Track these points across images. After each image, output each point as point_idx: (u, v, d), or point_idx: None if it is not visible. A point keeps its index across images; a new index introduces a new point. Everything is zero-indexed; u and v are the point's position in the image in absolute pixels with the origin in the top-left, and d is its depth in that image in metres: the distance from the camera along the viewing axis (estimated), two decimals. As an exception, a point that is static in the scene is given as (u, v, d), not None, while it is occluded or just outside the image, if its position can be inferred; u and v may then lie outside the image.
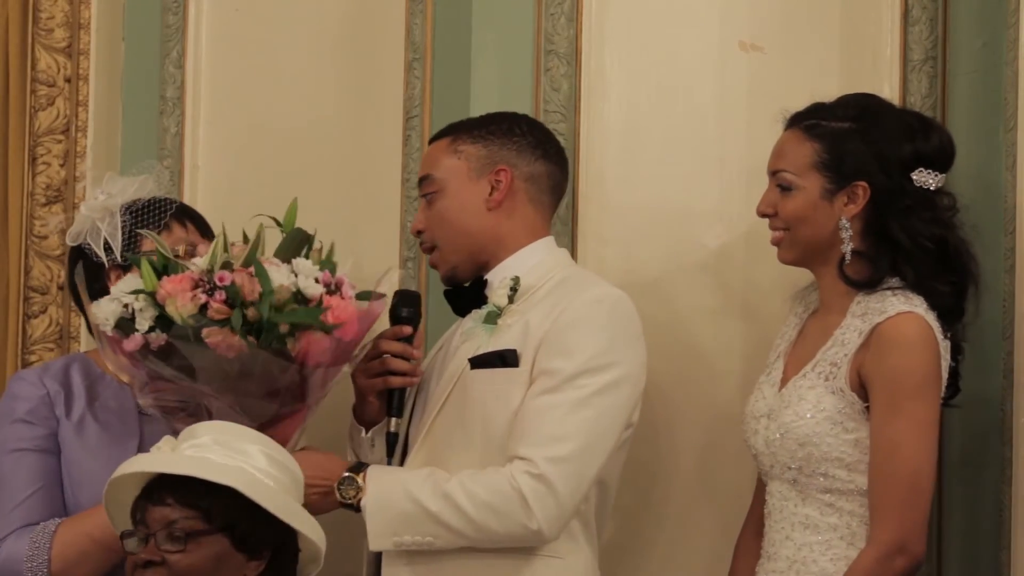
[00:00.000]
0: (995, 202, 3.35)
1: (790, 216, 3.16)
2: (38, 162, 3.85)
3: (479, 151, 3.26)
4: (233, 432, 2.89)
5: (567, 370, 3.07)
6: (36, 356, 3.87)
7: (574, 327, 3.11)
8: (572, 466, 3.03)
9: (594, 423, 3.06)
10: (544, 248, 3.27)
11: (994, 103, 3.42)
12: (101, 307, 3.01)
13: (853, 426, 3.09)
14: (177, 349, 2.95)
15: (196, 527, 2.80)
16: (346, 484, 3.08)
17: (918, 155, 3.15)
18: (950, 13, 3.54)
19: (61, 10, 3.86)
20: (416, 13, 3.71)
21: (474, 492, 3.02)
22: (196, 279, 2.97)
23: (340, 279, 3.06)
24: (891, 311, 3.07)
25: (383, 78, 3.74)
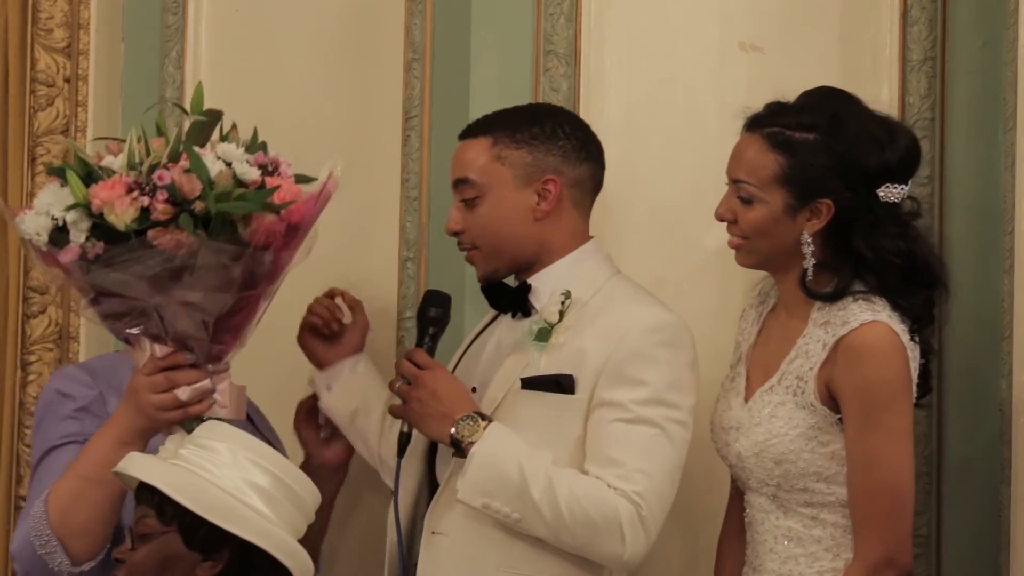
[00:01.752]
0: (994, 202, 3.35)
1: (751, 228, 3.09)
2: (37, 162, 3.85)
3: (524, 158, 3.19)
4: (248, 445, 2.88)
5: (638, 400, 3.06)
6: (35, 356, 3.86)
7: (638, 358, 3.08)
8: (660, 504, 3.06)
9: (672, 458, 3.09)
10: (590, 254, 3.24)
11: (993, 103, 3.42)
12: (28, 222, 2.92)
13: (828, 439, 3.05)
14: (118, 256, 2.86)
15: (153, 525, 2.80)
16: (467, 421, 3.07)
17: (885, 169, 3.05)
18: (949, 13, 3.54)
19: (60, 10, 3.86)
20: (415, 13, 3.72)
21: (578, 500, 3.02)
22: (130, 183, 2.86)
23: (275, 159, 2.96)
24: (854, 322, 3.01)
25: (382, 78, 3.74)
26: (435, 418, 3.10)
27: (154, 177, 2.85)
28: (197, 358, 2.97)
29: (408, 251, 3.71)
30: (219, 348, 2.98)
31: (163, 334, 2.95)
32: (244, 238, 2.89)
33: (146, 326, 2.94)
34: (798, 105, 3.11)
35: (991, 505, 3.36)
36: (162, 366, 2.96)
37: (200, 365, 2.98)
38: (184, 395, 2.96)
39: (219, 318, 2.94)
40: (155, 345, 2.96)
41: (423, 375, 3.13)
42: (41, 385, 3.86)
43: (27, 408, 3.86)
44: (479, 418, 3.08)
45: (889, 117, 3.17)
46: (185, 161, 2.88)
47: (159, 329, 2.94)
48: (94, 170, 2.91)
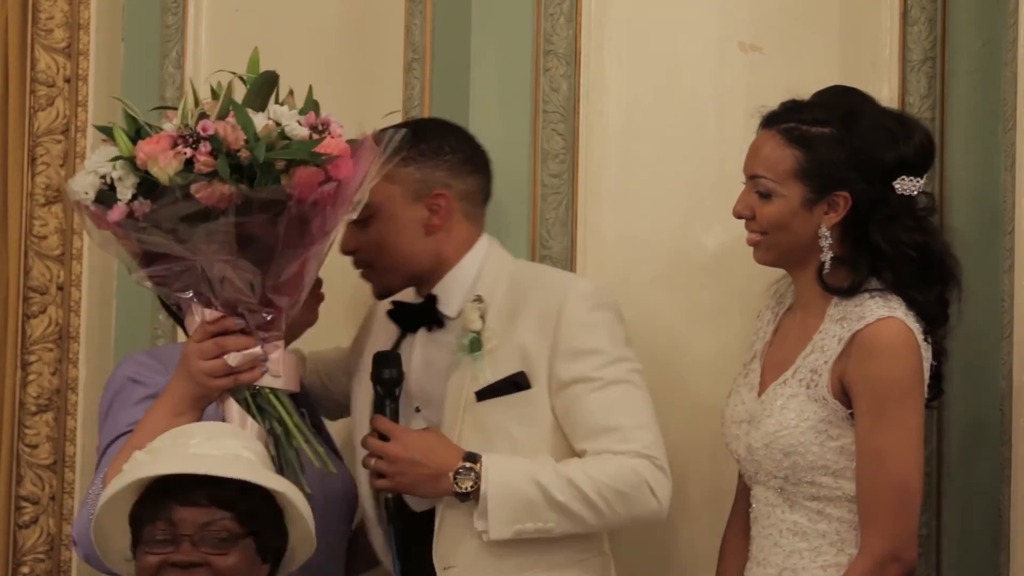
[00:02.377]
0: (994, 202, 3.35)
1: (769, 223, 3.12)
2: (37, 162, 3.85)
3: (412, 174, 3.21)
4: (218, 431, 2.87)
5: (599, 366, 3.13)
6: (35, 356, 3.86)
7: (581, 329, 3.14)
8: (662, 446, 3.15)
9: (648, 401, 3.18)
10: (484, 249, 3.27)
11: (993, 104, 3.42)
12: (77, 181, 2.91)
13: (838, 433, 3.06)
14: (163, 213, 2.84)
15: (234, 528, 2.76)
16: (463, 475, 3.07)
17: (901, 162, 3.09)
18: (949, 13, 3.54)
19: (60, 10, 3.86)
20: (415, 14, 3.72)
21: (599, 479, 3.08)
22: (174, 136, 2.85)
23: (326, 118, 2.95)
24: (870, 317, 3.03)
25: (383, 79, 3.74)
26: (426, 482, 3.11)
27: (198, 128, 2.84)
28: (248, 324, 2.94)
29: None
30: (270, 314, 2.95)
31: (213, 298, 2.92)
32: (287, 190, 2.87)
33: (195, 289, 2.92)
34: (813, 102, 3.14)
35: (991, 505, 3.36)
36: (212, 331, 2.93)
37: (251, 331, 2.95)
38: (234, 361, 2.93)
39: (268, 282, 2.91)
40: (205, 310, 2.94)
41: (393, 449, 3.12)
42: (41, 385, 3.86)
43: (27, 408, 3.86)
44: (471, 462, 3.08)
45: (903, 113, 3.23)
46: (232, 118, 2.87)
47: (208, 292, 2.91)
48: (143, 128, 2.90)
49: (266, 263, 2.90)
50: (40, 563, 3.87)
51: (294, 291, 2.96)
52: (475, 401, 3.15)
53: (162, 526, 2.77)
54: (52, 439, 3.86)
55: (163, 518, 2.77)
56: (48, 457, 3.86)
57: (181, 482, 2.77)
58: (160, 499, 2.78)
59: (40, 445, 3.86)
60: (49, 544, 3.87)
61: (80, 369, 3.87)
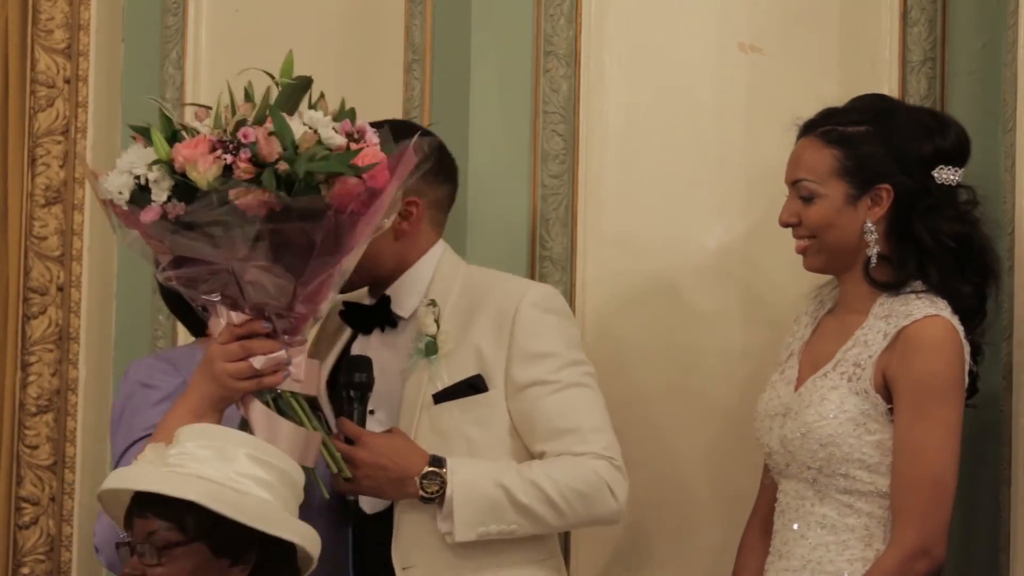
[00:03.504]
0: (994, 203, 3.34)
1: (815, 224, 3.16)
2: (37, 163, 3.85)
3: None
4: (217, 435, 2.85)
5: (554, 369, 3.15)
6: (35, 357, 3.86)
7: (535, 333, 3.16)
8: (618, 448, 3.16)
9: (603, 404, 3.19)
10: (438, 254, 3.26)
11: (993, 104, 3.42)
12: (111, 180, 2.89)
13: (876, 427, 3.09)
14: (198, 216, 2.83)
15: (172, 539, 2.76)
16: (429, 479, 3.08)
17: (938, 152, 3.15)
18: (949, 14, 3.54)
19: (61, 11, 3.86)
20: (416, 14, 3.72)
21: (561, 481, 3.10)
22: (213, 141, 2.84)
23: (362, 127, 2.95)
24: (917, 314, 3.08)
25: (382, 79, 3.74)
26: (391, 485, 3.10)
27: (239, 135, 2.83)
28: (274, 328, 2.94)
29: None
30: (296, 318, 2.95)
31: (241, 301, 2.91)
32: (326, 200, 2.87)
33: (224, 292, 2.91)
34: (847, 107, 3.21)
35: (990, 505, 3.36)
36: (238, 334, 2.92)
37: (277, 335, 2.94)
38: (259, 364, 2.92)
39: (297, 289, 2.91)
40: (232, 312, 2.93)
41: (360, 453, 3.10)
42: (41, 386, 3.86)
43: (27, 409, 3.86)
44: (436, 466, 3.09)
45: (935, 109, 3.33)
46: (270, 124, 2.86)
47: (237, 295, 2.91)
48: (178, 131, 2.89)
49: (300, 269, 2.90)
50: (40, 564, 3.87)
51: (321, 298, 2.96)
52: (432, 404, 3.16)
53: (128, 537, 2.81)
54: (52, 440, 3.86)
55: (130, 529, 2.81)
56: (48, 458, 3.86)
57: (139, 494, 2.79)
58: (131, 509, 2.82)
59: (40, 446, 3.86)
60: (49, 545, 3.87)
61: (80, 370, 3.87)
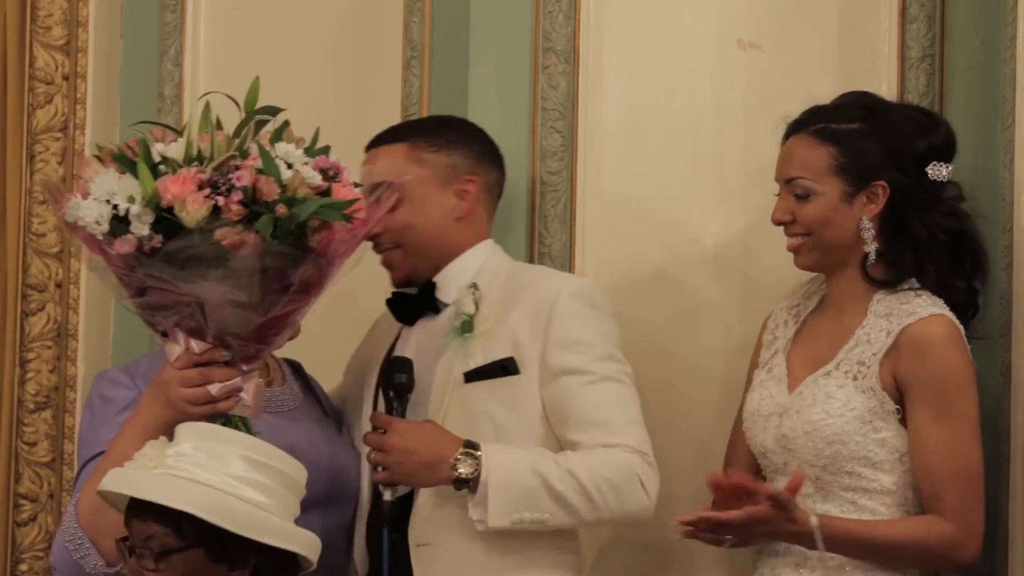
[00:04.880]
0: (992, 200, 3.35)
1: (811, 222, 3.16)
2: (36, 160, 3.85)
3: (443, 160, 3.29)
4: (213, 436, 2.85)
5: (592, 359, 3.15)
6: (34, 354, 3.86)
7: (576, 321, 3.16)
8: (649, 445, 3.16)
9: (638, 402, 3.20)
10: (489, 249, 3.32)
11: (992, 101, 3.42)
12: (87, 208, 2.84)
13: (881, 425, 3.11)
14: (175, 252, 2.81)
15: (169, 544, 2.75)
16: (463, 459, 3.07)
17: (931, 149, 3.17)
18: (948, 11, 3.54)
19: (59, 8, 3.86)
20: (414, 11, 3.72)
21: (596, 471, 3.09)
22: (203, 179, 2.81)
23: (336, 164, 2.92)
24: (921, 312, 3.10)
25: (381, 76, 3.74)
26: (423, 470, 3.10)
27: (232, 177, 2.81)
28: (232, 356, 2.94)
29: (406, 249, 3.71)
30: (256, 348, 2.95)
31: (204, 330, 2.91)
32: (311, 244, 2.87)
33: (187, 321, 2.90)
34: (836, 104, 3.23)
35: (990, 503, 3.34)
36: (198, 361, 2.92)
37: (234, 363, 2.94)
38: (216, 391, 2.92)
39: (267, 322, 2.91)
40: (192, 340, 2.92)
41: (387, 439, 3.12)
42: (39, 383, 3.86)
43: (26, 406, 3.86)
44: (470, 448, 3.08)
45: (923, 107, 3.36)
46: (254, 160, 2.84)
47: (200, 324, 2.90)
48: (160, 164, 2.85)
49: (271, 306, 2.90)
50: (38, 560, 3.86)
51: (284, 329, 2.97)
52: (463, 382, 3.17)
53: (126, 539, 2.80)
54: (51, 436, 3.86)
55: (128, 530, 2.81)
56: (46, 455, 3.86)
57: None
58: (128, 511, 2.82)
59: (38, 443, 3.86)
60: (47, 542, 3.86)
61: (79, 366, 3.86)
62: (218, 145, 2.85)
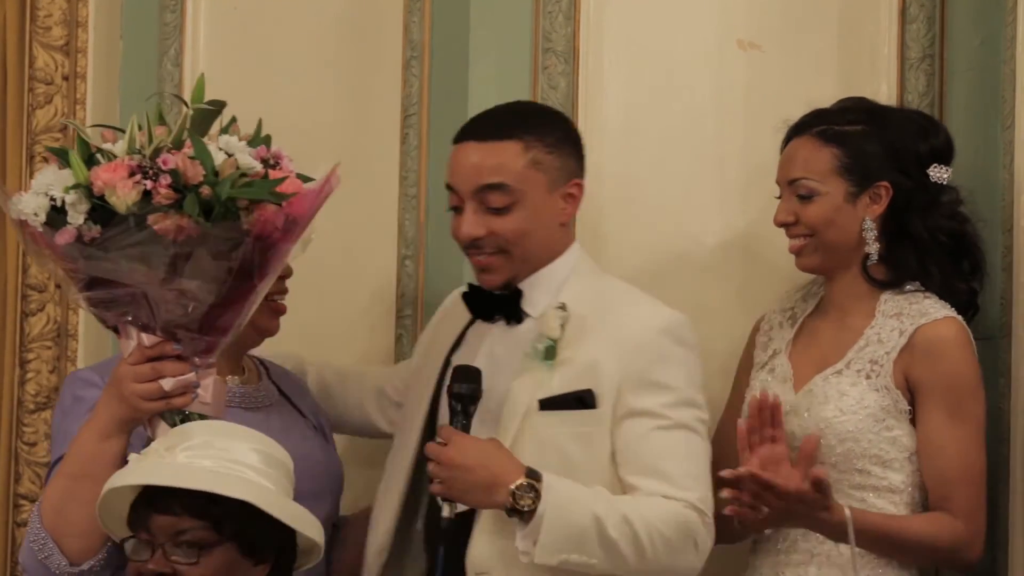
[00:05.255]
0: (992, 200, 3.36)
1: (815, 222, 3.17)
2: (36, 160, 3.84)
3: (554, 162, 3.11)
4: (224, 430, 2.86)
5: (668, 404, 3.02)
6: (34, 354, 3.86)
7: (658, 361, 3.04)
8: (712, 503, 3.04)
9: (708, 456, 3.08)
10: (576, 257, 3.17)
11: (992, 101, 3.42)
12: (27, 201, 2.87)
13: (893, 424, 3.13)
14: (114, 240, 2.83)
15: (207, 538, 2.75)
16: (524, 492, 2.93)
17: (933, 151, 3.21)
18: (948, 11, 3.54)
19: (59, 8, 3.86)
20: (414, 11, 3.72)
21: (652, 522, 2.96)
22: (132, 166, 2.84)
23: (277, 153, 2.94)
24: (935, 314, 3.13)
25: (381, 76, 3.74)
26: (479, 490, 2.96)
27: (159, 161, 2.83)
28: (184, 350, 2.94)
29: (407, 249, 3.71)
30: (208, 342, 2.95)
31: (153, 323, 2.91)
32: (244, 227, 2.87)
33: (136, 314, 2.91)
34: (838, 108, 3.25)
35: (990, 503, 3.34)
36: (149, 355, 2.92)
37: (187, 358, 2.94)
38: (168, 385, 2.92)
39: (210, 312, 2.91)
40: (143, 334, 2.93)
41: (446, 452, 2.98)
42: (39, 383, 3.86)
43: (25, 406, 3.86)
44: (533, 479, 2.94)
45: (922, 111, 3.40)
46: (189, 149, 2.87)
47: (149, 318, 2.91)
48: (96, 153, 2.89)
49: (216, 294, 2.90)
50: (38, 561, 3.86)
51: (234, 321, 2.96)
52: (537, 410, 3.03)
53: (143, 534, 2.78)
54: (50, 437, 3.85)
55: (143, 526, 2.78)
56: (46, 455, 3.85)
57: (160, 490, 2.77)
58: (142, 507, 2.79)
59: (38, 443, 3.86)
60: (47, 542, 3.86)
61: (78, 367, 3.85)
62: (157, 138, 2.88)
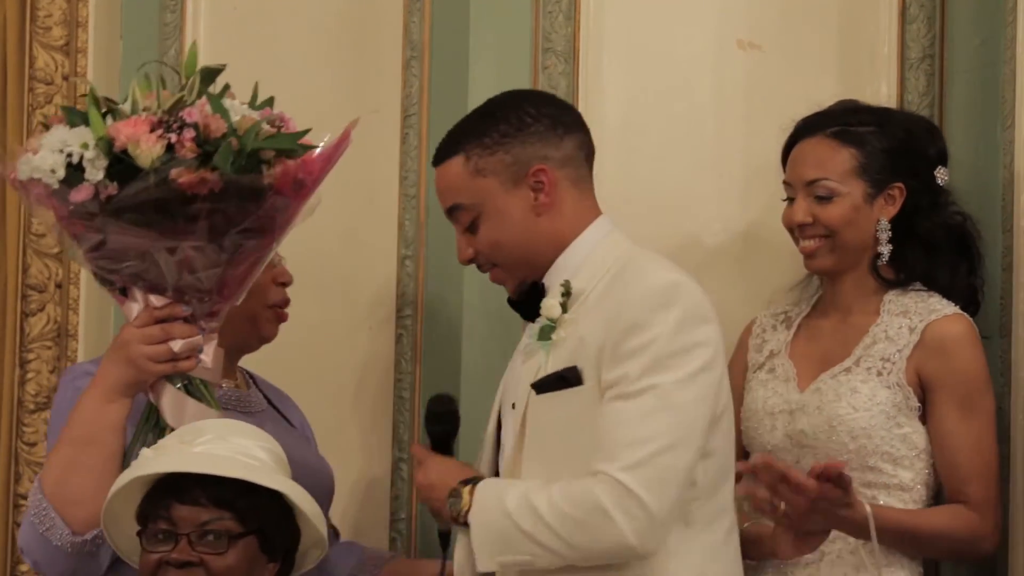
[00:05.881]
0: (992, 200, 3.35)
1: (836, 223, 3.19)
2: (36, 126, 3.85)
3: (502, 159, 2.96)
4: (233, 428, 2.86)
5: (635, 371, 2.78)
6: (34, 354, 3.86)
7: (634, 328, 2.81)
8: (652, 470, 2.74)
9: (676, 422, 2.78)
10: (595, 235, 2.99)
11: (992, 101, 3.42)
12: (42, 159, 2.83)
13: (904, 421, 3.14)
14: (133, 196, 2.79)
15: (233, 529, 2.75)
16: (454, 498, 2.86)
17: (940, 153, 3.25)
18: (948, 11, 3.54)
19: (59, 8, 3.86)
20: (414, 11, 3.72)
21: (558, 506, 2.76)
22: (153, 121, 2.81)
23: (281, 115, 2.91)
24: (945, 310, 3.16)
25: (381, 76, 3.74)
26: (438, 506, 2.91)
27: (182, 114, 2.81)
28: (194, 312, 2.91)
29: (407, 249, 3.70)
30: (217, 303, 2.92)
31: (163, 283, 2.89)
32: (266, 181, 2.85)
33: (145, 275, 2.88)
34: (843, 108, 3.27)
35: (990, 503, 3.36)
36: (158, 316, 2.90)
37: (195, 320, 2.92)
38: (177, 347, 2.90)
39: (227, 271, 2.88)
40: (151, 296, 2.90)
41: (417, 474, 2.98)
42: (39, 383, 3.87)
43: (25, 406, 3.86)
44: (462, 487, 2.85)
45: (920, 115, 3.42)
46: (203, 106, 2.85)
47: (159, 278, 2.88)
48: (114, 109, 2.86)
49: (232, 251, 2.87)
50: (38, 561, 3.86)
51: (241, 284, 2.94)
52: (536, 394, 2.89)
53: (163, 524, 2.77)
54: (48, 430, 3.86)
55: (164, 516, 2.77)
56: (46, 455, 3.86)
57: (182, 481, 2.77)
58: (162, 497, 2.78)
59: (38, 443, 3.86)
60: (47, 542, 3.86)
61: (78, 367, 3.87)
62: (164, 99, 2.86)
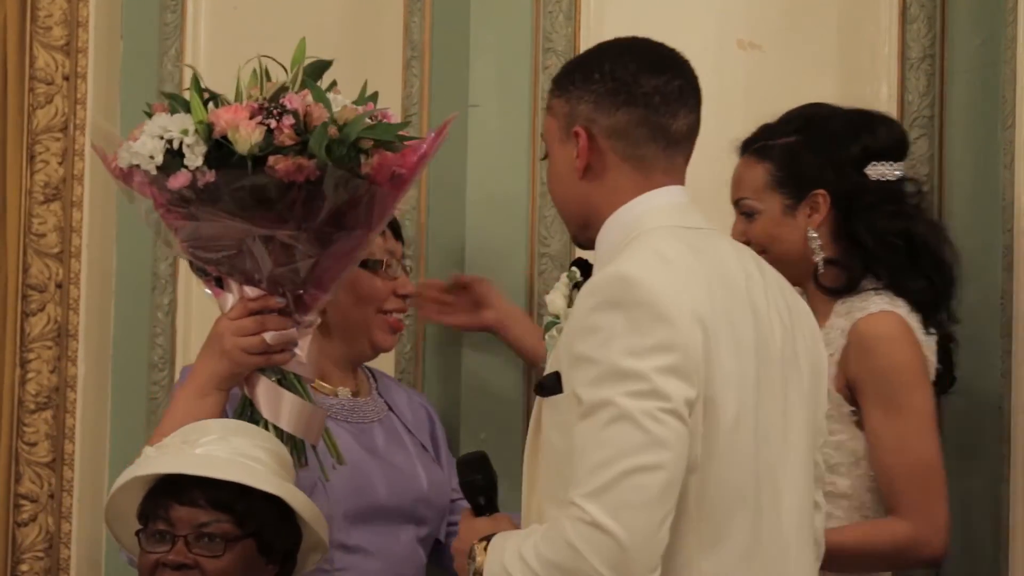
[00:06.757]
0: (993, 200, 3.36)
1: (761, 239, 3.16)
2: (36, 160, 3.85)
3: (562, 106, 2.70)
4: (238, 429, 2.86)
5: (585, 383, 2.48)
6: (34, 354, 3.86)
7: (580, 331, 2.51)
8: (617, 495, 2.43)
9: (640, 439, 2.44)
10: (637, 209, 2.66)
11: (992, 101, 3.42)
12: (142, 145, 2.83)
13: (837, 428, 3.08)
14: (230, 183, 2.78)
15: (230, 531, 2.75)
16: (471, 558, 2.62)
17: (867, 150, 3.17)
18: (948, 11, 3.55)
19: (59, 8, 3.86)
20: (414, 11, 3.72)
21: (540, 551, 2.48)
22: (253, 107, 2.81)
23: (385, 112, 2.91)
24: (872, 308, 3.09)
25: (381, 76, 3.72)
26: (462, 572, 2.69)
27: (283, 101, 2.81)
28: (288, 305, 2.90)
29: (407, 249, 3.70)
30: (311, 296, 2.91)
31: (257, 275, 2.88)
32: (363, 171, 2.83)
33: (240, 265, 2.88)
34: (780, 119, 3.24)
35: (988, 503, 3.35)
36: (252, 308, 2.89)
37: (289, 313, 2.90)
38: (271, 339, 2.88)
39: (314, 265, 2.87)
40: (246, 287, 2.89)
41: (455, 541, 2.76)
42: (40, 383, 3.86)
43: (26, 406, 3.86)
44: (477, 545, 2.62)
45: (868, 110, 3.27)
46: (307, 95, 2.85)
47: (254, 268, 2.87)
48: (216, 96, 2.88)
49: (326, 244, 2.86)
50: (39, 561, 3.86)
51: (336, 277, 2.93)
52: (539, 398, 2.65)
53: (161, 525, 2.78)
54: (51, 437, 3.86)
55: (162, 517, 2.78)
56: (47, 455, 3.86)
57: (181, 481, 2.77)
58: (161, 498, 2.79)
59: (39, 443, 3.86)
60: (48, 542, 3.86)
61: (79, 367, 3.86)
62: (268, 90, 2.88)
